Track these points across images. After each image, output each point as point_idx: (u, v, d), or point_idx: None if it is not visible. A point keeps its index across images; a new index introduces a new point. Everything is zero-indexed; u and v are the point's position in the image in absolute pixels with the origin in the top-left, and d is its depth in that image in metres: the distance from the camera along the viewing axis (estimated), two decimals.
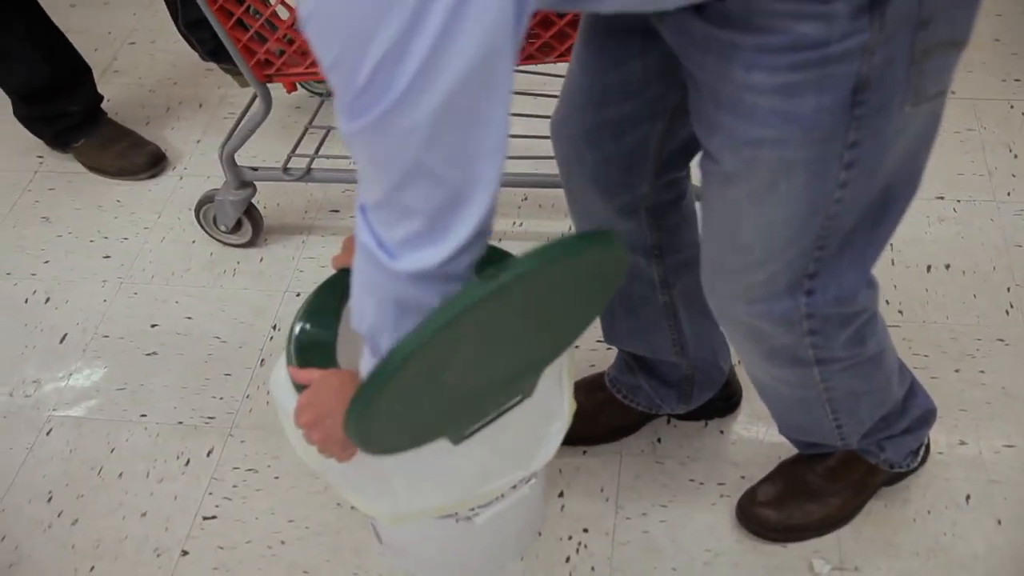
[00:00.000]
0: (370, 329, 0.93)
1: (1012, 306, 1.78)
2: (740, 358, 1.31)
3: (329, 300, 1.29)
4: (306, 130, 1.94)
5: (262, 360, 1.79)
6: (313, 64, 1.65)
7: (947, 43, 0.89)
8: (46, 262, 2.02)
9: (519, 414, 1.19)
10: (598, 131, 1.18)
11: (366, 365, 1.00)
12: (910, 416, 1.39)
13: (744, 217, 1.03)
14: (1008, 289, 1.81)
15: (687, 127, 1.16)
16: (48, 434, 1.70)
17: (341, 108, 0.74)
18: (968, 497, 1.51)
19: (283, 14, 1.62)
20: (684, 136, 1.18)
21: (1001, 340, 1.73)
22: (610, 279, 1.01)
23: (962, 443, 1.58)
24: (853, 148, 0.92)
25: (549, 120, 1.23)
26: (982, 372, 1.68)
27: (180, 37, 2.31)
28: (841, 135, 0.91)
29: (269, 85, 1.74)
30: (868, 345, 1.20)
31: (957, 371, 1.68)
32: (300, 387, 1.17)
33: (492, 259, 1.08)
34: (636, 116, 1.15)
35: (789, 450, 1.53)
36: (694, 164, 1.19)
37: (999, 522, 1.48)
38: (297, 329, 1.25)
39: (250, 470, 1.62)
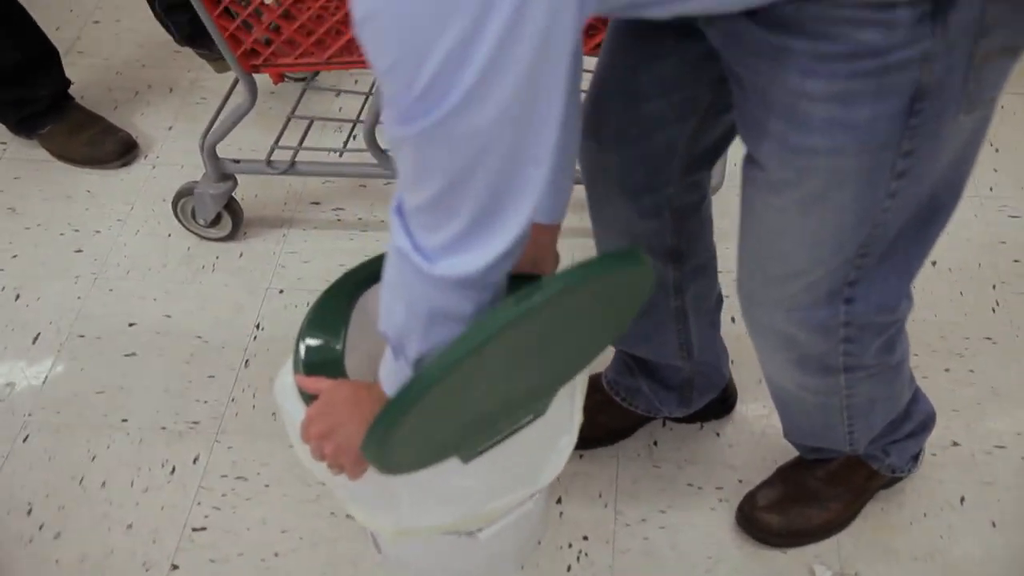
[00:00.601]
0: (398, 333, 0.91)
1: (998, 304, 1.79)
2: (762, 365, 1.30)
3: (336, 306, 1.26)
4: (288, 120, 1.88)
5: (246, 361, 1.74)
6: (303, 55, 1.59)
7: (1005, 49, 0.87)
8: (14, 256, 1.94)
9: (528, 430, 1.17)
10: (627, 130, 1.16)
11: (388, 368, 0.98)
12: (914, 421, 1.39)
13: (790, 225, 1.01)
14: (993, 286, 1.82)
15: (717, 127, 1.15)
16: (25, 441, 1.64)
17: (394, 113, 0.72)
18: (963, 499, 1.52)
19: None
20: (714, 136, 1.16)
21: (989, 338, 1.74)
22: (636, 297, 1.00)
23: (955, 444, 1.59)
24: (906, 157, 0.91)
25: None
26: (971, 371, 1.69)
27: (147, 16, 2.23)
28: (895, 144, 0.90)
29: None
30: (896, 353, 1.21)
31: (947, 370, 1.69)
32: (308, 397, 1.14)
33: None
34: (666, 116, 1.13)
35: (786, 453, 1.53)
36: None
37: (994, 524, 1.49)
38: (304, 338, 1.21)
39: (239, 478, 1.58)
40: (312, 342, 1.21)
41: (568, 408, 1.24)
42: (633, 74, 1.11)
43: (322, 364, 1.18)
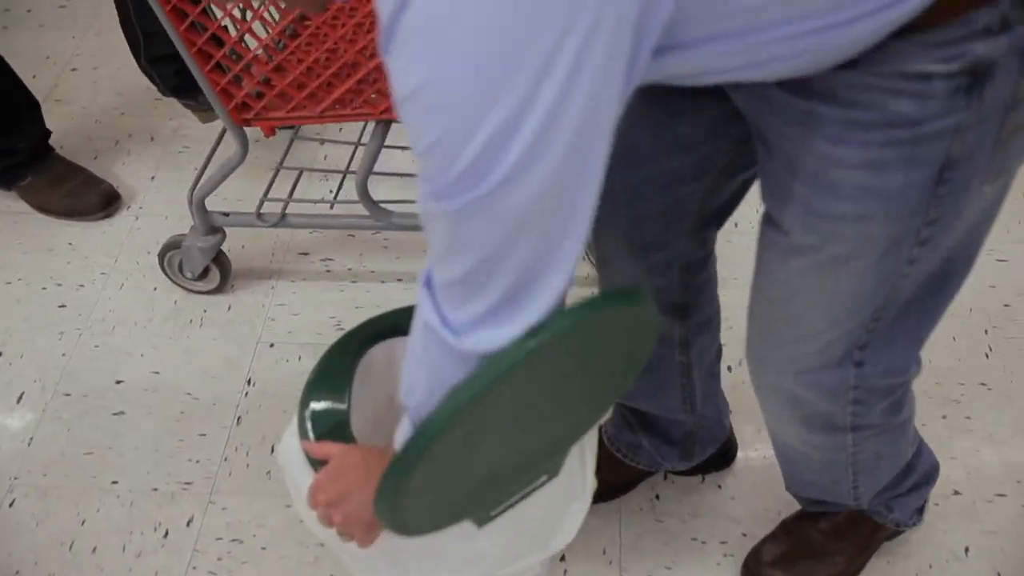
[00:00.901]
0: (418, 404, 0.90)
1: (991, 349, 1.80)
2: (767, 421, 1.29)
3: (339, 367, 1.24)
4: (277, 171, 1.86)
5: (238, 418, 1.70)
6: (295, 108, 1.58)
7: None
8: None
9: (541, 493, 1.16)
10: (640, 187, 1.14)
11: (405, 435, 0.96)
12: (917, 473, 1.39)
13: (808, 288, 1.01)
14: (985, 331, 1.83)
15: (732, 185, 1.14)
16: (11, 506, 1.59)
17: (431, 188, 0.70)
18: (967, 549, 1.52)
19: (251, 44, 1.54)
20: (728, 193, 1.16)
21: (983, 384, 1.74)
22: (642, 345, 0.98)
23: (956, 493, 1.59)
24: (930, 225, 0.91)
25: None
26: (968, 418, 1.69)
27: (125, 63, 2.20)
28: (922, 212, 0.89)
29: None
30: (903, 412, 1.21)
31: (944, 417, 1.69)
32: (316, 462, 1.11)
33: None
34: (682, 174, 1.12)
35: (788, 504, 1.52)
36: None
37: (999, 575, 1.49)
38: (308, 402, 1.19)
39: (235, 540, 1.54)
40: (317, 406, 1.19)
41: (579, 473, 1.22)
42: (650, 131, 1.10)
43: (328, 429, 1.16)
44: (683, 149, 1.10)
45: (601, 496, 1.56)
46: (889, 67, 0.80)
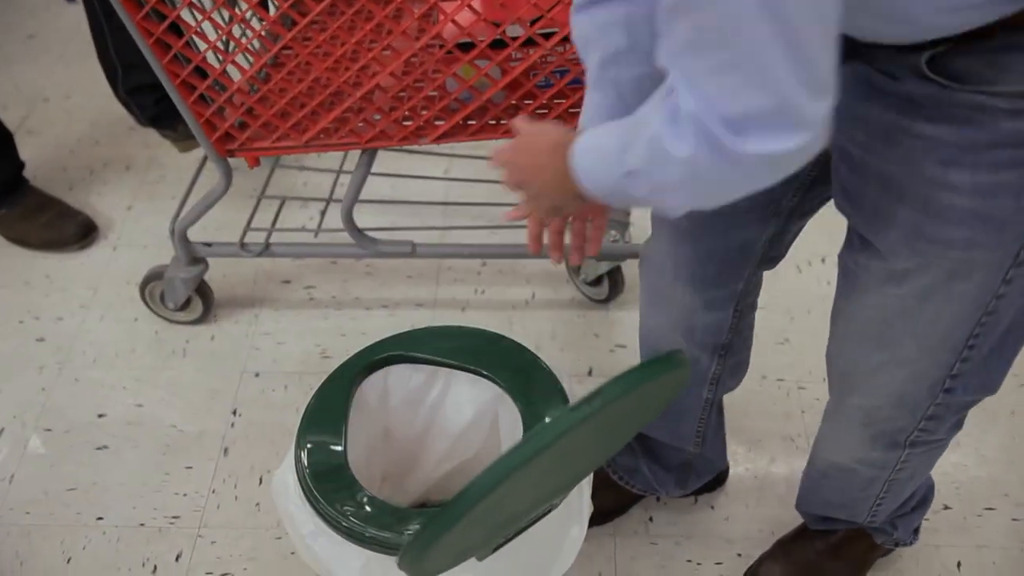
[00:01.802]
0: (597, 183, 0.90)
1: None
2: (822, 441, 1.29)
3: (333, 401, 1.24)
4: (259, 201, 1.85)
5: (225, 449, 1.68)
6: (280, 138, 1.57)
7: None
8: None
9: (541, 522, 1.15)
10: (705, 227, 1.13)
11: (602, 153, 0.90)
12: (919, 493, 1.40)
13: (904, 314, 0.99)
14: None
15: (796, 228, 1.14)
16: None
17: None
18: (959, 564, 1.53)
19: (235, 75, 1.53)
20: (791, 235, 1.16)
21: None
22: (668, 397, 0.99)
23: (946, 508, 1.60)
24: None
25: (500, 185, 1.10)
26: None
27: (98, 92, 2.20)
28: (1019, 235, 0.88)
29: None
30: (960, 429, 1.18)
31: None
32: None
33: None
34: (747, 217, 1.12)
35: (782, 524, 1.53)
36: None
37: None
38: (304, 444, 1.18)
39: (225, 574, 1.51)
40: (313, 444, 1.19)
41: (577, 498, 1.22)
42: None
43: (326, 469, 1.16)
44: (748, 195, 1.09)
45: (595, 520, 1.56)
46: (1008, 86, 0.79)
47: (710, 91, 0.73)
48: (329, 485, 1.14)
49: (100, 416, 1.74)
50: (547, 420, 0.85)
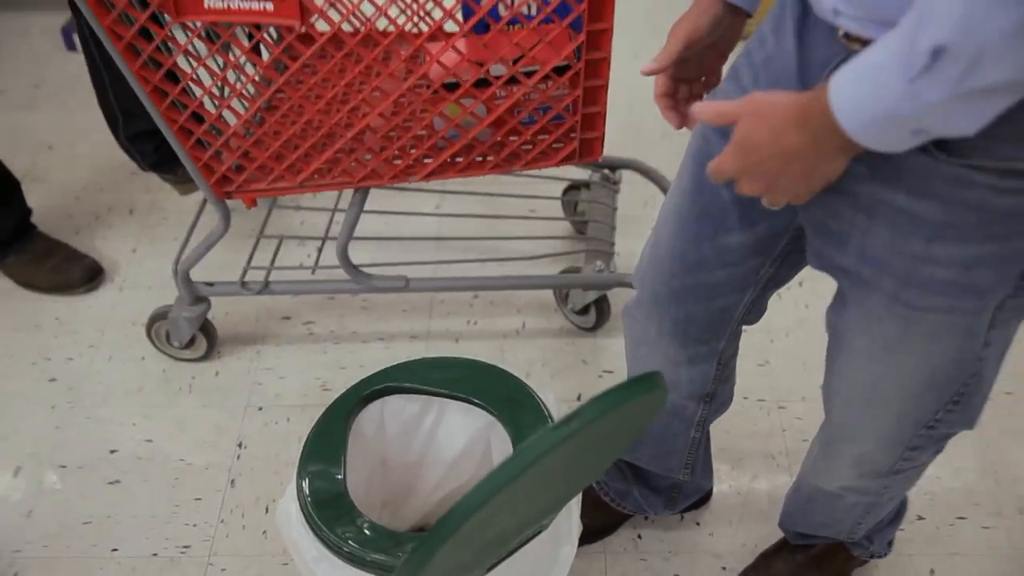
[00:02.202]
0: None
1: None
2: (809, 470, 1.34)
3: (331, 432, 1.30)
4: (258, 241, 1.93)
5: (232, 480, 1.76)
6: (276, 180, 1.65)
7: None
8: None
9: (532, 542, 1.22)
10: (685, 293, 1.18)
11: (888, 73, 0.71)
12: (894, 508, 1.46)
13: (888, 378, 1.03)
14: None
15: (771, 293, 1.19)
16: None
17: None
18: (932, 572, 1.61)
19: (230, 119, 1.61)
20: (767, 300, 1.21)
21: None
22: (647, 418, 1.05)
23: (920, 518, 1.68)
24: (1005, 311, 0.93)
25: (489, 219, 1.13)
26: None
27: (101, 140, 2.27)
28: (999, 300, 0.91)
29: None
30: (939, 453, 1.22)
31: None
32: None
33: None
34: (727, 285, 1.16)
35: (764, 538, 1.61)
36: None
37: None
38: (305, 475, 1.25)
39: None
40: (314, 476, 1.25)
41: (566, 517, 1.29)
42: (696, 245, 1.13)
43: (326, 498, 1.22)
44: (728, 264, 1.13)
45: (586, 538, 1.64)
46: (998, 161, 0.79)
47: None
48: (330, 512, 1.20)
49: (112, 452, 1.82)
50: (528, 441, 0.91)
